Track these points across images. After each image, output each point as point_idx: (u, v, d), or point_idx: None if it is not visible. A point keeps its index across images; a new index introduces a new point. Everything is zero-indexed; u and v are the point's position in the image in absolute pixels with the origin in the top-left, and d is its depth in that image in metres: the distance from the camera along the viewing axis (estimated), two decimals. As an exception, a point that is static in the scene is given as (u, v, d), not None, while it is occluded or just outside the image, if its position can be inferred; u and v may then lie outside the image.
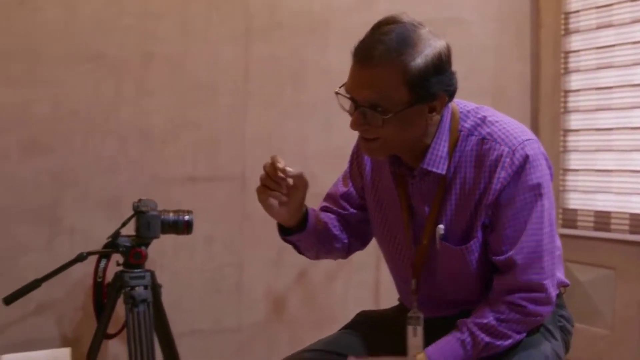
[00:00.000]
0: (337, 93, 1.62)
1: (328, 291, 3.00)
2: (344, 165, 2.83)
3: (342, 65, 1.69)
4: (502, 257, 1.61)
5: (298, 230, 1.75)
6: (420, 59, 1.53)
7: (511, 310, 1.61)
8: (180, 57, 2.66)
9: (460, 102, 1.69)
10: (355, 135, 2.05)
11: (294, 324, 2.96)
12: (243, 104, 2.77)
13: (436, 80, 1.56)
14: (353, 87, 1.58)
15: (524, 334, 1.66)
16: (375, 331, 1.88)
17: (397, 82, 1.53)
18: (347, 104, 1.61)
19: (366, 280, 3.08)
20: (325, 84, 2.87)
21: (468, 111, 1.68)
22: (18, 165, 2.42)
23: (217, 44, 2.71)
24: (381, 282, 3.10)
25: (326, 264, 2.99)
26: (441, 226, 1.66)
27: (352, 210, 1.91)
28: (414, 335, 1.76)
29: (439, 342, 1.65)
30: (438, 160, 1.64)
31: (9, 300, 2.25)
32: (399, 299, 1.97)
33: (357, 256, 2.05)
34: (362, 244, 1.95)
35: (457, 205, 1.66)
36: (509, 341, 1.62)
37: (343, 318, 2.18)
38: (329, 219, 1.89)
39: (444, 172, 1.65)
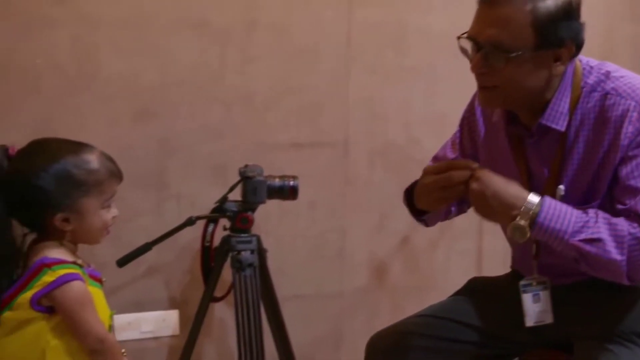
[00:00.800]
0: (458, 37, 1.58)
1: (430, 259, 2.96)
2: (446, 130, 2.76)
3: (445, 29, 1.65)
4: (624, 207, 1.53)
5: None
6: (550, 1, 1.47)
7: None
8: (283, 23, 2.64)
9: (583, 58, 1.62)
10: (459, 99, 2.01)
11: (396, 290, 2.94)
12: (345, 69, 2.75)
13: (564, 26, 1.49)
14: (477, 29, 1.53)
15: (632, 282, 1.53)
16: (487, 298, 1.86)
17: (524, 23, 1.48)
18: (469, 48, 1.57)
19: (468, 249, 3.03)
20: (428, 47, 2.81)
21: (591, 67, 1.61)
22: (128, 132, 2.48)
23: (319, 9, 2.69)
24: (484, 251, 3.04)
25: (429, 232, 2.94)
26: (561, 187, 1.59)
27: None
28: (535, 301, 1.71)
29: (559, 203, 1.54)
30: (558, 117, 1.58)
31: (122, 262, 2.31)
32: (512, 266, 1.94)
33: (460, 224, 2.02)
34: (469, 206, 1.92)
35: (579, 165, 1.59)
36: (618, 258, 1.49)
37: (445, 286, 2.16)
38: None
39: (563, 129, 1.58)
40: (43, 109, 2.38)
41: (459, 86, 2.13)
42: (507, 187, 1.54)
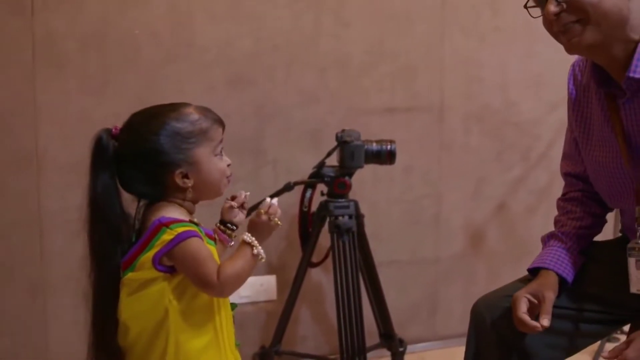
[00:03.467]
0: (525, 6, 1.56)
1: (527, 225, 2.90)
2: (543, 92, 2.68)
3: (544, -15, 1.61)
4: None
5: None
6: None
7: None
8: (376, -14, 2.62)
9: None
10: (558, 60, 1.92)
11: (492, 257, 2.90)
12: (440, 31, 2.70)
13: None
14: None
15: None
16: (596, 262, 1.80)
17: None
18: (537, 12, 1.55)
19: (566, 215, 2.96)
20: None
21: None
22: (224, 98, 2.50)
23: (412, -30, 2.65)
24: (582, 217, 2.96)
25: (526, 198, 2.90)
26: None
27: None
28: (637, 268, 1.66)
29: None
30: None
31: (222, 228, 2.34)
32: (622, 231, 1.87)
33: (559, 190, 1.96)
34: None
35: None
36: None
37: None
38: (581, 215, 1.84)
39: None
40: (142, 79, 2.43)
41: (557, 47, 2.04)
42: None
